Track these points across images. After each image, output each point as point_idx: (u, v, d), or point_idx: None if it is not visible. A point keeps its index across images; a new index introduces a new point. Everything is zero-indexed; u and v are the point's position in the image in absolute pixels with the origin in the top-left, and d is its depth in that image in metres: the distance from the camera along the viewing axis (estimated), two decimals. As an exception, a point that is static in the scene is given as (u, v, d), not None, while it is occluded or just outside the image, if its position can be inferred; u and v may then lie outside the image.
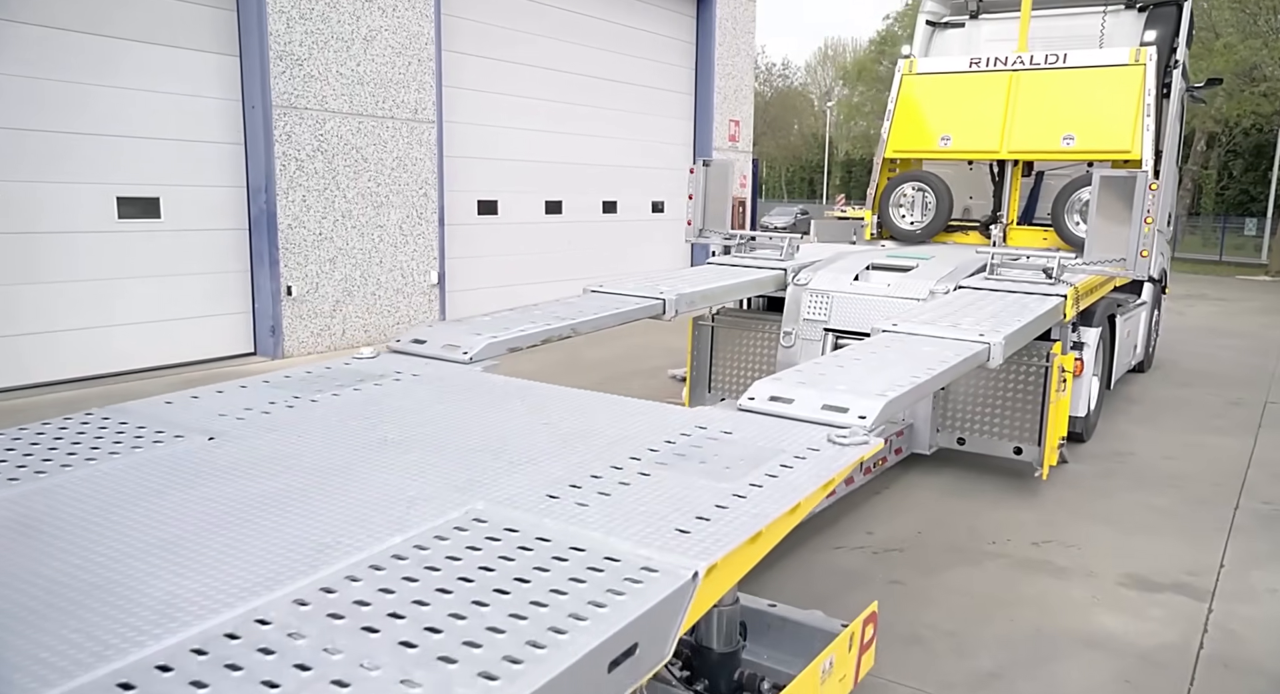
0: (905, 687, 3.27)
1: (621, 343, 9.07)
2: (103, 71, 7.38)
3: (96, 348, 7.53)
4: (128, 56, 7.52)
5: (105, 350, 7.59)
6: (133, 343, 7.77)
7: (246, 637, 1.75)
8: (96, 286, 7.51)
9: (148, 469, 2.66)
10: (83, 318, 7.44)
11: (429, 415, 3.25)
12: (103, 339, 7.57)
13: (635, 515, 2.35)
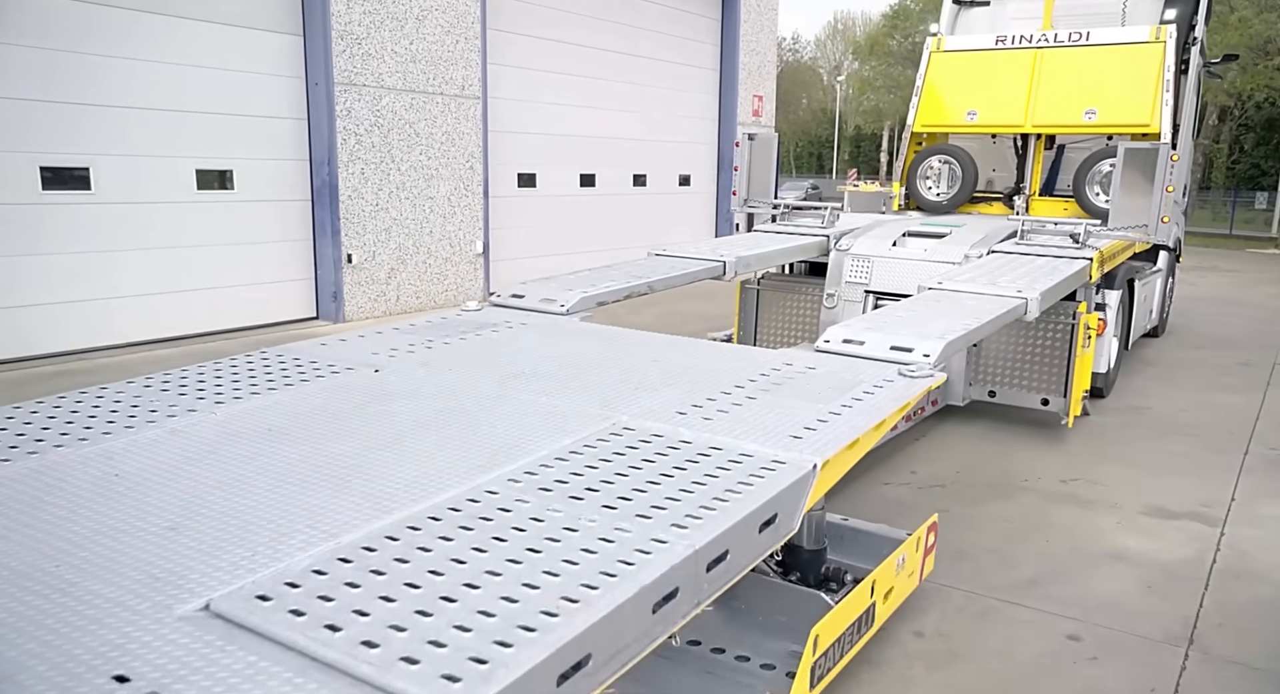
0: (960, 590, 3.80)
1: (657, 309, 9.54)
2: (184, 52, 7.84)
3: (180, 311, 8.05)
4: (205, 37, 7.98)
5: (189, 313, 8.11)
6: (209, 307, 8.29)
7: (482, 502, 2.29)
8: (180, 253, 8.02)
9: (341, 391, 3.19)
10: (168, 283, 7.96)
11: (549, 354, 3.76)
12: (186, 303, 8.09)
13: (754, 426, 2.86)
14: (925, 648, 3.35)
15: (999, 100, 8.59)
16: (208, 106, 8.08)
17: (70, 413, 2.92)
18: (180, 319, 8.09)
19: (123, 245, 7.62)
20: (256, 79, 8.44)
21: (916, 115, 8.99)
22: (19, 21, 6.87)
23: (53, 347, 7.30)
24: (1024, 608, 3.66)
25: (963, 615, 3.59)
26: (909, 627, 3.48)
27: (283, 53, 8.62)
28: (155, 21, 7.63)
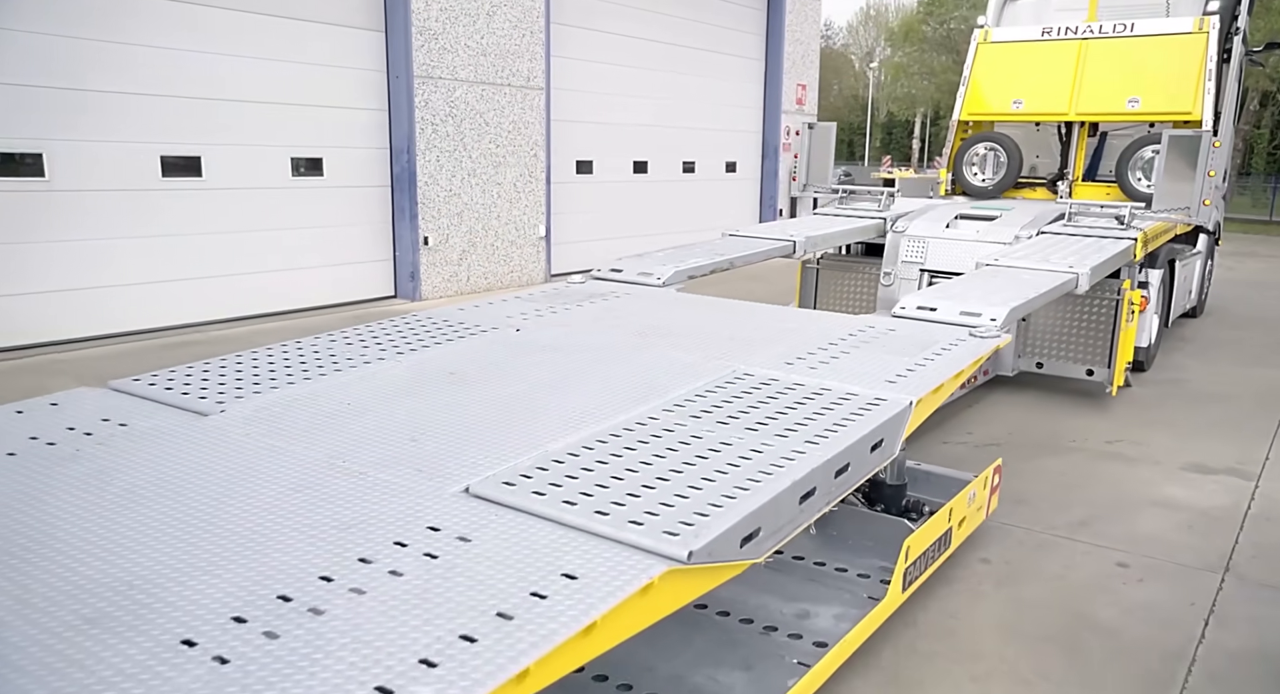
0: (1019, 528, 4.31)
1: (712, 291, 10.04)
2: (281, 48, 8.44)
3: (278, 288, 8.70)
4: (300, 34, 8.58)
5: (285, 290, 8.76)
6: (301, 285, 8.93)
7: (649, 425, 2.85)
8: (278, 235, 8.66)
9: (495, 345, 3.76)
10: (268, 263, 8.60)
11: (659, 317, 4.31)
12: (282, 281, 8.74)
13: (854, 373, 3.40)
14: (992, 571, 3.87)
15: (1044, 89, 8.98)
16: (301, 99, 8.69)
17: (282, 361, 3.51)
18: (278, 296, 8.73)
19: (229, 228, 8.26)
20: (344, 73, 9.04)
21: (964, 104, 9.39)
22: (146, 24, 7.49)
23: (175, 319, 7.98)
24: (1077, 542, 4.16)
25: (1023, 547, 4.11)
26: (976, 555, 4.00)
27: (368, 48, 9.21)
28: (257, 21, 8.25)
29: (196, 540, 2.06)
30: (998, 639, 3.33)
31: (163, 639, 1.67)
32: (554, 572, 1.93)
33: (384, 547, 2.03)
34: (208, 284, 8.20)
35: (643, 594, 1.92)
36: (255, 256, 8.51)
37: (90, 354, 7.22)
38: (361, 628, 1.70)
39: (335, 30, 8.91)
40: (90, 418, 2.87)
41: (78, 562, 1.96)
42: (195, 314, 8.14)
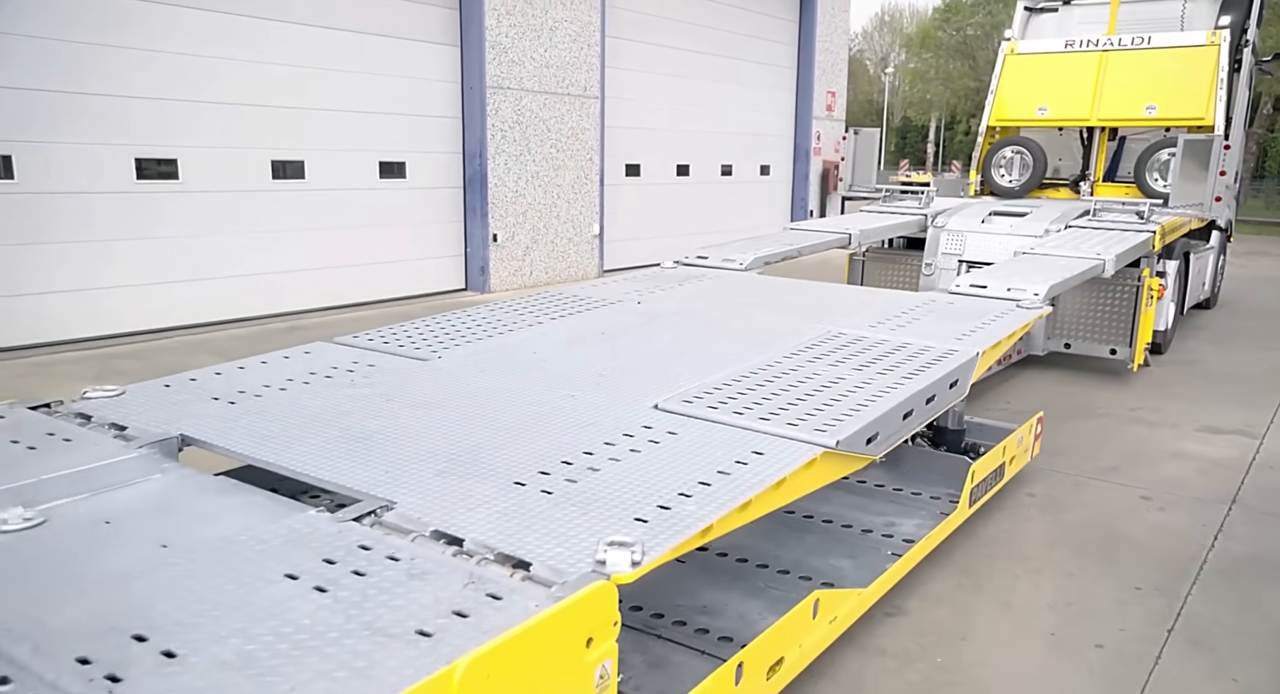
0: (1057, 472, 5.08)
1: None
2: (369, 62, 9.30)
3: (365, 280, 9.55)
4: (385, 50, 9.44)
5: (371, 282, 9.61)
6: (384, 277, 9.77)
7: (775, 367, 3.67)
8: (367, 232, 9.51)
9: (627, 313, 4.57)
10: (362, 257, 9.46)
11: (751, 294, 5.11)
12: (369, 274, 9.58)
13: (927, 332, 4.19)
14: (1037, 501, 4.65)
15: (1067, 97, 9.73)
16: (387, 108, 9.54)
17: (461, 325, 4.32)
18: (368, 287, 9.59)
19: (327, 225, 9.11)
20: (425, 84, 9.89)
21: (992, 111, 10.15)
22: (253, 44, 8.35)
23: (288, 307, 8.85)
24: (1108, 482, 4.94)
25: (1062, 486, 4.88)
26: (1023, 490, 4.78)
27: (445, 62, 10.06)
28: (350, 38, 9.10)
29: (487, 430, 2.87)
30: (1045, 547, 4.11)
31: (499, 482, 2.48)
32: (740, 455, 2.72)
33: (617, 438, 2.83)
34: (311, 275, 9.06)
35: (807, 468, 2.72)
36: (349, 251, 9.36)
37: (224, 335, 8.07)
38: (625, 481, 2.50)
39: (418, 46, 9.76)
40: (340, 361, 3.69)
41: (414, 440, 2.78)
42: (300, 303, 8.99)
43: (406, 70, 9.70)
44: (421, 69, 9.85)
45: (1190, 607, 3.57)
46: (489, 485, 2.46)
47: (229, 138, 8.28)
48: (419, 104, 9.87)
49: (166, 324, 8.02)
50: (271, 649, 1.69)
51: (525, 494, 2.41)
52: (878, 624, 3.39)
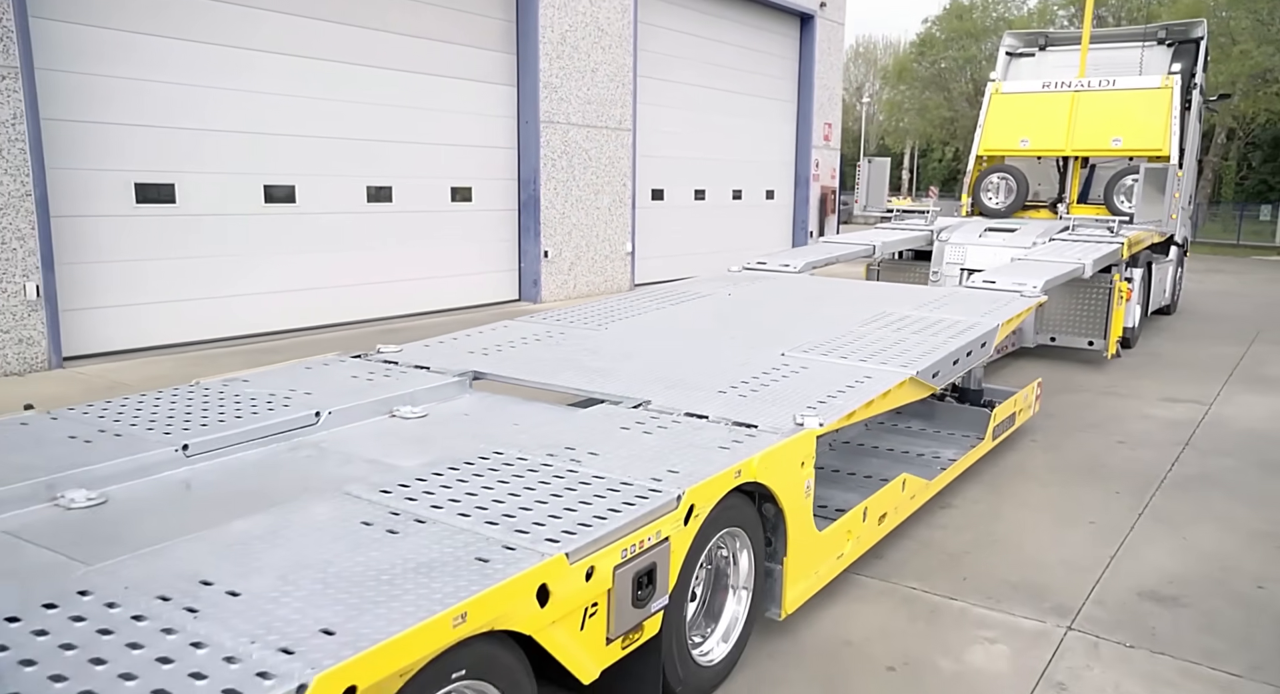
0: (1054, 427, 6.48)
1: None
2: (445, 100, 10.67)
3: (439, 290, 10.86)
4: (458, 90, 10.82)
5: (443, 292, 10.92)
6: (453, 288, 11.09)
7: (866, 338, 5.06)
8: (440, 249, 10.84)
9: (724, 303, 5.94)
10: (438, 269, 10.78)
11: (813, 289, 6.51)
12: (443, 285, 10.90)
13: (957, 312, 5.60)
14: (1039, 445, 6.05)
15: (1045, 130, 11.28)
16: (458, 140, 10.91)
17: (602, 312, 5.67)
18: (438, 297, 10.89)
19: (409, 243, 10.44)
20: (487, 120, 11.28)
21: (980, 143, 11.69)
22: (369, 84, 9.71)
23: (378, 313, 10.13)
24: (1092, 433, 6.35)
25: (1057, 434, 6.29)
26: (1028, 438, 6.18)
27: (505, 100, 11.47)
28: (430, 81, 10.48)
29: (681, 368, 4.23)
30: (1048, 471, 5.51)
31: (708, 392, 3.82)
32: (855, 379, 4.09)
33: (769, 370, 4.19)
34: (398, 286, 10.37)
35: (899, 387, 4.09)
36: (426, 265, 10.68)
37: (331, 336, 9.33)
38: (790, 390, 3.86)
39: (483, 86, 11.16)
40: (537, 332, 5.03)
41: (635, 373, 4.12)
42: (388, 310, 10.28)
43: (474, 108, 11.08)
44: (486, 106, 11.24)
45: (1154, 501, 4.97)
46: (703, 393, 3.82)
47: (339, 166, 9.61)
48: (483, 137, 11.25)
49: (289, 326, 9.28)
50: (653, 451, 3.03)
51: (729, 397, 3.77)
52: (935, 514, 4.75)
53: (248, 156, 8.83)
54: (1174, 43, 11.77)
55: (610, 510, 2.50)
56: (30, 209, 7.05)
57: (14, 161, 6.93)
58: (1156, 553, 4.29)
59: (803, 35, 17.40)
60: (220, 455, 3.19)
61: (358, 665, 1.74)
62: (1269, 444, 6.14)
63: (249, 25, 8.71)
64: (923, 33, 43.60)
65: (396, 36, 10.08)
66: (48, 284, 7.23)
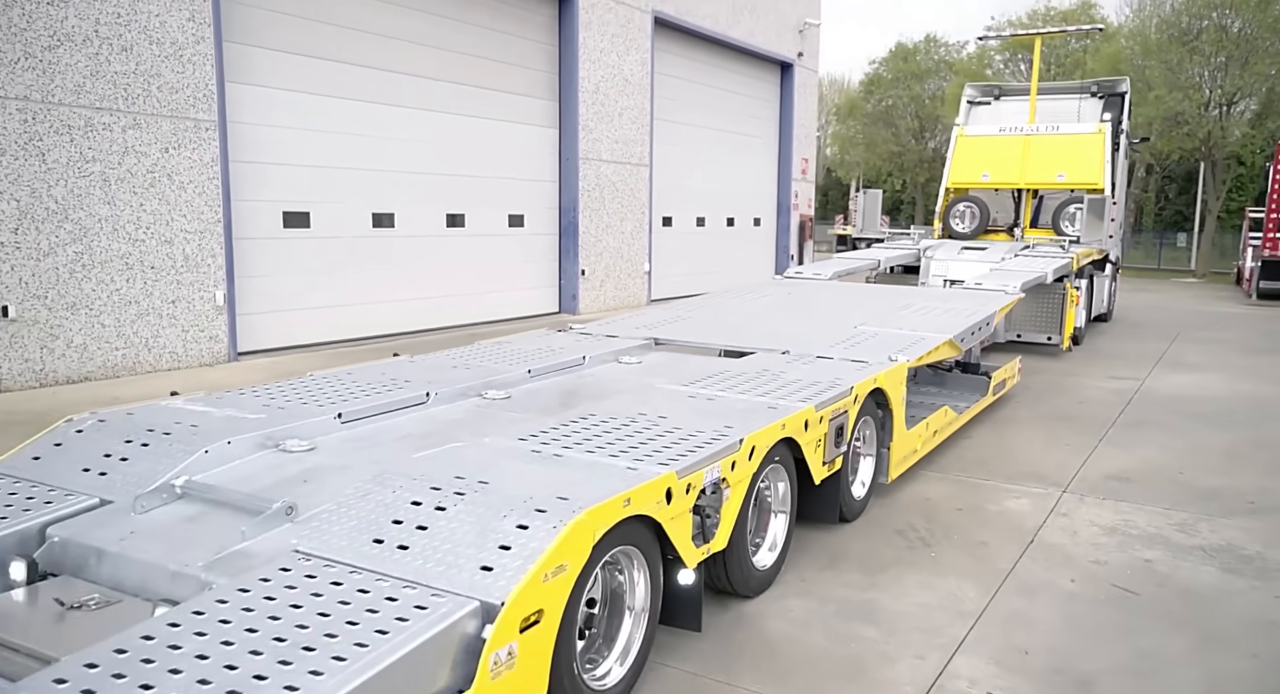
0: (1030, 394, 8.54)
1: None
2: (503, 141, 12.53)
3: (500, 302, 12.63)
4: (512, 132, 12.68)
5: (502, 304, 12.70)
6: (508, 301, 12.87)
7: (880, 318, 7.07)
8: (501, 267, 12.63)
9: (789, 298, 7.89)
10: (497, 284, 12.56)
11: (845, 290, 8.49)
12: (502, 298, 12.68)
13: (963, 304, 7.64)
14: (1022, 403, 8.09)
15: (1002, 167, 13.54)
16: (513, 174, 12.77)
17: (684, 310, 7.55)
18: (499, 308, 12.67)
19: (477, 262, 12.22)
20: (536, 156, 13.16)
21: (949, 176, 13.90)
22: (444, 128, 11.52)
23: (453, 321, 11.85)
24: (1059, 398, 8.42)
25: (1034, 398, 8.34)
26: (1013, 401, 8.22)
27: (549, 140, 13.37)
28: (491, 125, 12.34)
29: (794, 334, 6.14)
30: (1031, 419, 7.54)
31: (820, 348, 5.75)
32: (915, 341, 6.03)
33: (852, 335, 6.13)
34: (469, 298, 12.13)
35: (944, 345, 6.07)
36: (490, 280, 12.47)
37: (419, 340, 11.03)
38: (875, 345, 5.80)
39: (533, 128, 13.05)
40: (666, 316, 6.89)
41: (760, 337, 6.04)
42: (462, 318, 12.03)
43: (526, 146, 12.96)
44: (535, 145, 13.13)
45: (1109, 434, 7.02)
46: (818, 346, 5.72)
47: (425, 196, 11.38)
48: (534, 171, 13.12)
49: (394, 330, 10.97)
50: (812, 377, 4.95)
51: (837, 348, 5.69)
52: (961, 441, 6.72)
53: (360, 189, 10.57)
54: (1104, 95, 14.18)
55: (797, 401, 4.39)
56: (220, 233, 8.71)
57: (211, 195, 8.59)
58: (1113, 459, 6.31)
59: (783, 81, 19.64)
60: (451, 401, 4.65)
61: (595, 513, 2.68)
62: (1185, 403, 8.28)
63: (365, 81, 10.49)
64: (870, 73, 46.68)
65: (471, 88, 11.93)
66: (230, 293, 8.87)
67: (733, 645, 3.49)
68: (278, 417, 3.76)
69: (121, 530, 2.89)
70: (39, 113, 7.35)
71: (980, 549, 4.57)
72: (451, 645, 2.33)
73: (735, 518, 3.52)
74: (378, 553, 2.63)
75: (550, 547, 2.53)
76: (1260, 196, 25.51)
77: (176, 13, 8.21)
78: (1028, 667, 3.38)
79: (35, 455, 3.41)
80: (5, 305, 7.22)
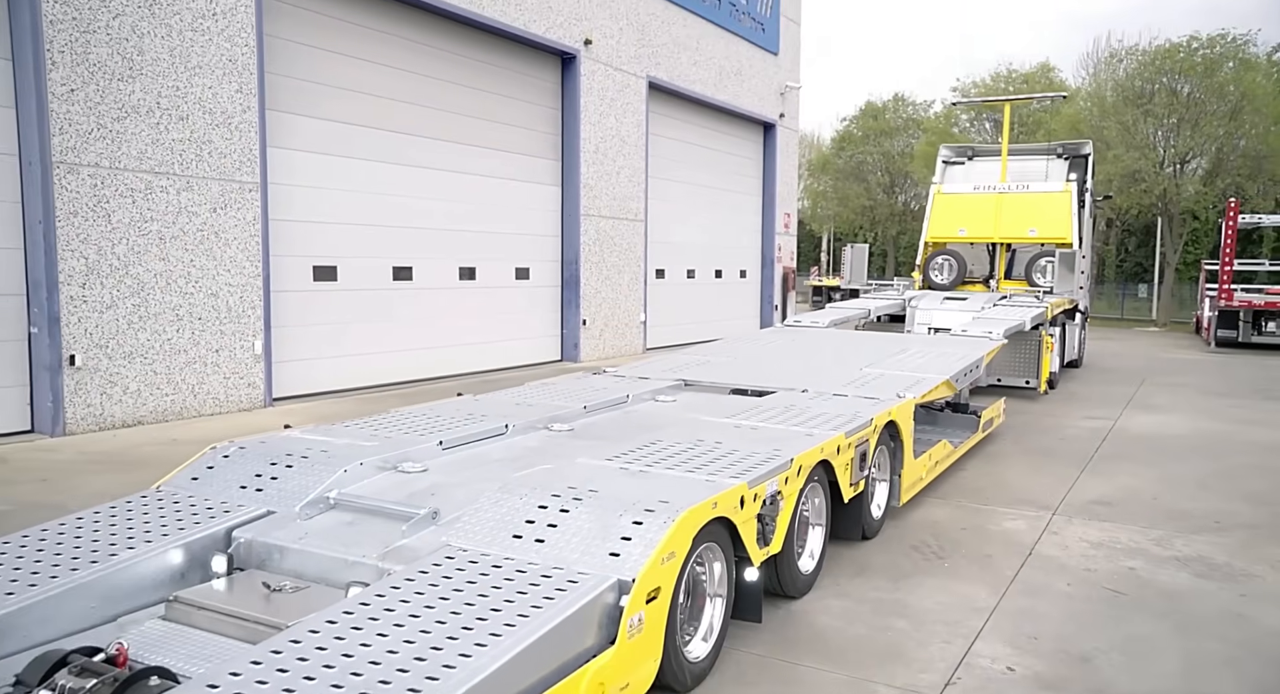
0: (1015, 432, 9.26)
1: (774, 353, 15.04)
2: (513, 199, 13.27)
3: (504, 352, 13.25)
4: (520, 190, 13.44)
5: (508, 353, 13.32)
6: (514, 350, 13.49)
7: (886, 361, 7.80)
8: (508, 317, 13.28)
9: (796, 340, 8.60)
10: (502, 334, 13.19)
11: (845, 337, 9.22)
12: (507, 347, 13.30)
13: (953, 348, 8.39)
14: (1007, 440, 8.80)
15: (978, 222, 14.48)
16: (520, 230, 13.49)
17: (716, 349, 8.24)
18: (506, 356, 13.28)
19: (488, 313, 12.86)
20: (541, 213, 13.91)
21: (928, 231, 14.80)
22: (457, 187, 12.25)
23: (465, 369, 12.43)
24: (1041, 435, 9.15)
25: (1018, 435, 9.06)
26: (999, 438, 8.93)
27: (553, 197, 14.14)
28: (501, 184, 13.10)
29: (809, 373, 6.82)
30: (1019, 453, 8.24)
31: (836, 384, 6.43)
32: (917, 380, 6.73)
33: (861, 375, 6.82)
34: (481, 347, 12.74)
35: (943, 385, 6.78)
36: (499, 330, 13.10)
37: (435, 386, 11.59)
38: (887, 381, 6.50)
39: (538, 186, 13.83)
40: (690, 360, 7.56)
41: (777, 376, 6.71)
42: (471, 366, 12.62)
43: (532, 203, 13.72)
44: (540, 202, 13.89)
45: (1089, 466, 7.73)
46: (832, 385, 6.40)
47: (439, 251, 12.05)
48: (539, 227, 13.86)
49: (410, 377, 11.53)
50: (833, 412, 5.62)
51: (849, 387, 6.37)
52: (956, 473, 7.40)
53: (381, 244, 11.22)
54: (1069, 157, 15.25)
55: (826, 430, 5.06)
56: (259, 286, 9.29)
57: (252, 251, 9.20)
58: (1095, 487, 7.01)
59: (766, 140, 20.68)
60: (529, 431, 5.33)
61: (693, 512, 3.31)
62: (1154, 440, 9.04)
63: (385, 144, 11.22)
64: (841, 130, 48.39)
65: (481, 149, 12.70)
66: (266, 342, 9.43)
67: (788, 634, 4.09)
68: (389, 443, 4.35)
69: (295, 533, 3.47)
70: (107, 178, 7.96)
71: (986, 561, 5.21)
72: (596, 612, 2.93)
73: (787, 526, 4.15)
74: (519, 546, 3.24)
75: (664, 537, 3.15)
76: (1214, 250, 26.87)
77: (227, 85, 8.91)
78: (1037, 648, 4.00)
79: (193, 476, 3.98)
80: (73, 354, 7.74)
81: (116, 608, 3.12)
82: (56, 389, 7.64)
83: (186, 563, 3.37)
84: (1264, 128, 27.58)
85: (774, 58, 20.14)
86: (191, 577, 3.37)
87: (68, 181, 7.66)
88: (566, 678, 2.74)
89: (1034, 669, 3.80)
